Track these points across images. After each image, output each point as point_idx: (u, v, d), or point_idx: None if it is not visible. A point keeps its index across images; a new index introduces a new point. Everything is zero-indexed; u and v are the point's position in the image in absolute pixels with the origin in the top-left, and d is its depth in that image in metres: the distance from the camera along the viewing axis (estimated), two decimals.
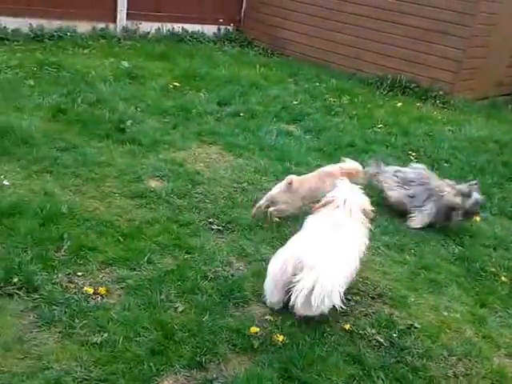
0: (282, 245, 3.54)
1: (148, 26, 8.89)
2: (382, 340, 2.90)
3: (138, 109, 5.72)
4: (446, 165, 5.75)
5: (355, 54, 8.72)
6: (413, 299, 3.37)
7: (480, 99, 8.43)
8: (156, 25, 9.01)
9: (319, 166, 5.00)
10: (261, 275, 3.29)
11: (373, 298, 3.29)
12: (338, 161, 4.43)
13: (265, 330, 2.84)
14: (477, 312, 3.38)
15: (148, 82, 6.65)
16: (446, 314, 3.28)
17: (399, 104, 7.58)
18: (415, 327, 3.08)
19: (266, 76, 7.75)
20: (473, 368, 2.87)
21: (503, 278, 3.84)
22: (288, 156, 5.20)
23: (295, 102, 6.82)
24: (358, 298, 3.26)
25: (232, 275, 3.27)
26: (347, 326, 2.96)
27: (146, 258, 3.29)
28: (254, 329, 2.81)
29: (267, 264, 3.42)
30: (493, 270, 3.91)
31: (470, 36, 7.80)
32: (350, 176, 4.14)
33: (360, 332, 2.94)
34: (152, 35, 8.92)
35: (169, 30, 9.16)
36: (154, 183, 4.30)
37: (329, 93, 7.47)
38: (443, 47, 7.95)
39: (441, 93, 8.00)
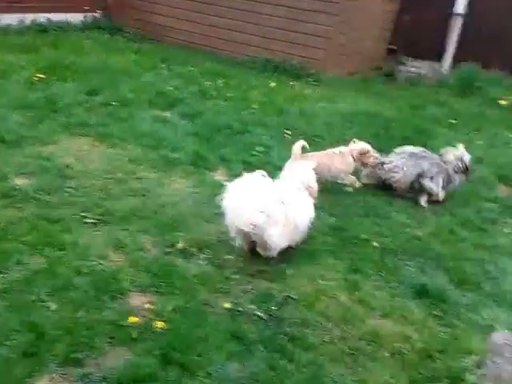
0: (161, 233, 3.52)
1: (9, 18, 8.32)
2: (261, 314, 2.97)
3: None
4: (319, 140, 5.98)
5: (232, 38, 8.79)
6: (290, 272, 3.48)
7: (351, 74, 8.88)
8: (18, 16, 8.47)
9: (196, 151, 5.06)
10: (139, 265, 3.24)
11: (252, 274, 3.35)
12: (216, 145, 4.49)
13: (144, 318, 2.80)
14: (351, 278, 3.54)
15: (10, 75, 6.23)
16: (321, 282, 3.42)
17: (273, 84, 7.76)
18: (292, 298, 3.19)
19: (137, 62, 7.57)
20: (348, 331, 3.02)
21: (375, 244, 4.04)
22: (163, 143, 5.12)
23: (169, 88, 6.71)
24: (237, 276, 3.31)
25: (108, 268, 3.17)
26: (227, 305, 2.99)
27: (13, 260, 3.10)
28: (132, 319, 2.75)
29: (145, 253, 3.38)
30: (365, 236, 4.11)
31: (338, 12, 8.14)
32: (362, 157, 4.76)
33: (240, 309, 2.99)
34: (14, 27, 8.36)
35: (32, 21, 8.67)
36: (20, 181, 4.04)
37: (204, 77, 7.46)
38: (313, 25, 8.24)
39: (313, 71, 8.31)
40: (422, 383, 2.70)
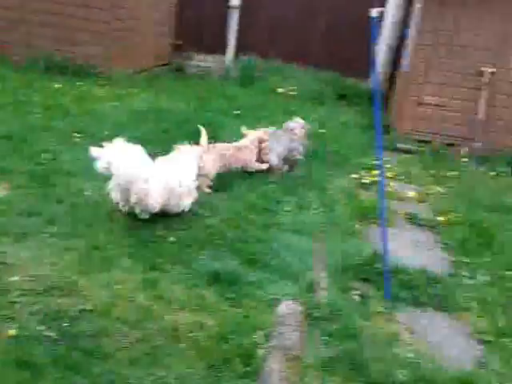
0: None
1: None
2: (52, 334, 2.86)
3: None
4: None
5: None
6: (83, 283, 3.40)
7: (140, 72, 8.85)
8: None
9: None
10: None
11: (40, 293, 3.20)
12: None
13: None
14: (149, 277, 3.58)
15: None
16: (117, 287, 3.41)
17: (58, 85, 7.39)
18: (87, 310, 3.12)
19: None
20: (147, 331, 3.06)
21: (171, 239, 4.13)
22: None
23: None
24: (23, 298, 3.13)
25: None
26: (12, 332, 2.82)
27: None
28: None
29: None
30: (161, 233, 4.19)
31: (113, 7, 8.01)
32: (260, 145, 5.61)
33: (27, 333, 2.84)
34: None
35: None
36: None
37: None
38: (95, 22, 8.01)
39: (100, 69, 8.10)
40: (218, 366, 2.87)
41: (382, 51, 9.67)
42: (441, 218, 5.27)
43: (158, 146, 5.89)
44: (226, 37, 9.97)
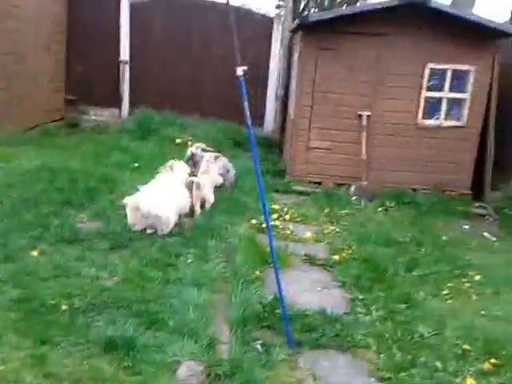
0: None
1: None
2: None
3: None
4: None
5: None
6: None
7: (30, 129, 8.52)
8: None
9: None
10: None
11: None
12: None
13: None
14: (38, 352, 3.34)
15: None
16: (1, 368, 3.16)
17: None
18: None
19: None
20: None
21: (64, 307, 3.90)
22: None
23: None
24: None
25: None
26: None
27: None
28: None
29: None
30: (53, 302, 3.95)
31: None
32: None
33: None
34: None
35: None
36: None
37: None
38: None
39: None
40: None
41: (270, 100, 10.09)
42: (336, 257, 5.48)
43: (50, 206, 5.71)
44: (121, 90, 9.93)
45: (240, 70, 3.38)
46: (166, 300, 4.18)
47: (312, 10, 27.26)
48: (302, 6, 33.11)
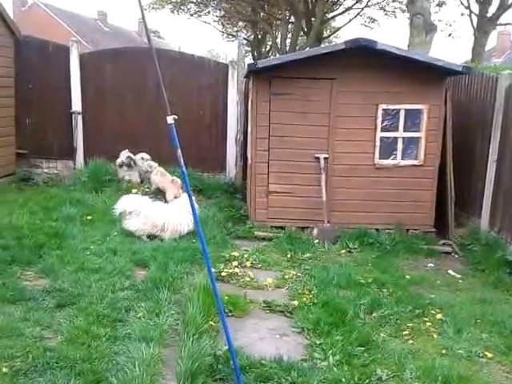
0: None
1: None
2: None
3: None
4: None
5: None
6: None
7: None
8: None
9: None
10: None
11: None
12: None
13: None
14: None
15: None
16: None
17: None
18: None
19: None
20: None
21: (4, 370, 3.70)
22: None
23: None
24: None
25: None
26: None
27: None
28: None
29: None
30: None
31: None
32: None
33: None
34: None
35: None
36: None
37: None
38: None
39: None
40: None
41: (231, 145, 10.10)
42: (295, 302, 5.32)
43: None
44: (74, 141, 9.81)
45: (170, 119, 3.34)
46: (112, 357, 3.96)
47: (274, 55, 28.21)
48: (266, 49, 34.24)
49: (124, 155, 9.14)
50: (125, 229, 6.88)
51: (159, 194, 8.71)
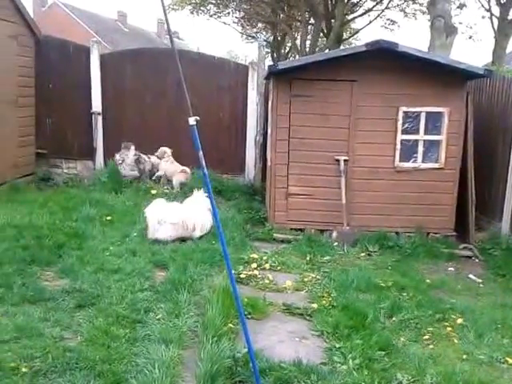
0: None
1: None
2: None
3: None
4: None
5: None
6: None
7: None
8: None
9: None
10: None
11: None
12: None
13: None
14: None
15: None
16: None
17: None
18: None
19: None
20: None
21: (23, 370, 3.72)
22: None
23: None
24: None
25: None
26: None
27: None
28: None
29: None
30: (13, 364, 3.76)
31: None
32: None
33: None
34: None
35: None
36: None
37: None
38: None
39: None
40: None
41: (250, 147, 10.09)
42: (315, 305, 5.28)
43: (14, 265, 5.50)
44: (94, 142, 9.89)
45: (192, 120, 3.33)
46: (132, 359, 3.97)
47: (294, 56, 28.14)
48: (285, 51, 34.19)
49: (121, 154, 9.35)
50: (153, 239, 6.79)
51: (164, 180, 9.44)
